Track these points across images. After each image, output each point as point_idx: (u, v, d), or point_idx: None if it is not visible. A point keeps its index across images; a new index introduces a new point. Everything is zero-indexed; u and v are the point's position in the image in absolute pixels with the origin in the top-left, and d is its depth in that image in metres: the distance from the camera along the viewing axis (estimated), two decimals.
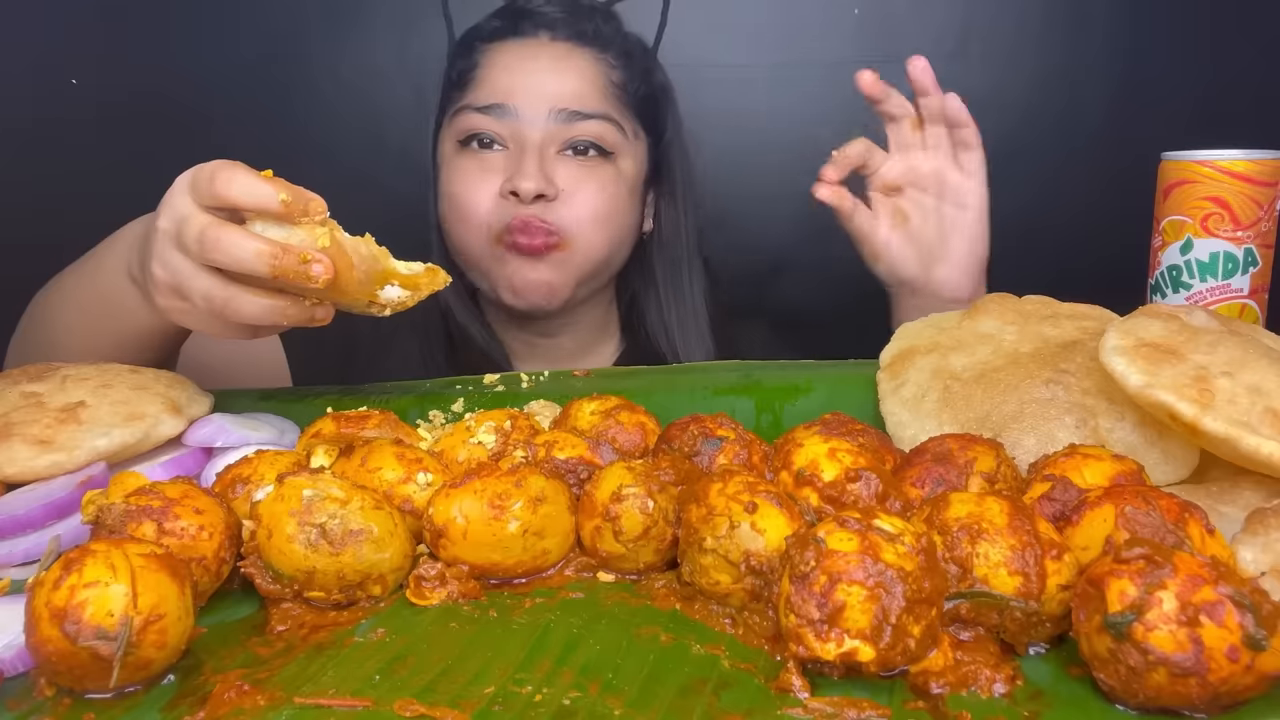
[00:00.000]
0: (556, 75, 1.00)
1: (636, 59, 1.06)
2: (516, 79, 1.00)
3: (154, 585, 0.43)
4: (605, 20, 1.06)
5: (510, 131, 0.99)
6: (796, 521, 0.48)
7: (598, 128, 1.00)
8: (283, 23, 1.46)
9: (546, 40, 1.02)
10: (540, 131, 0.98)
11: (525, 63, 1.01)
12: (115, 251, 0.76)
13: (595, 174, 1.00)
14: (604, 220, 1.01)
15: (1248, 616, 0.39)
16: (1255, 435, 0.51)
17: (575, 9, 1.04)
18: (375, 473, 0.56)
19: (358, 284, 0.62)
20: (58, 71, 1.44)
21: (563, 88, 1.00)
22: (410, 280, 0.65)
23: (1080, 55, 1.46)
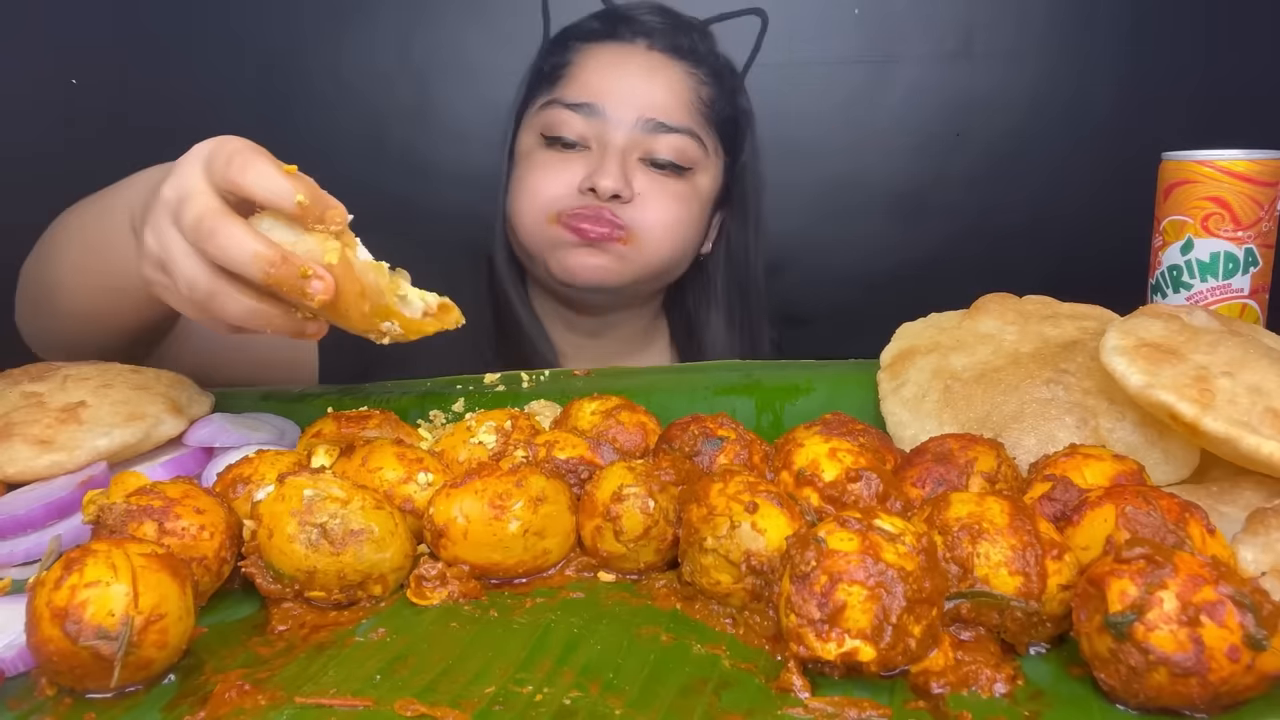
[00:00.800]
0: (648, 84, 1.02)
1: (725, 79, 1.08)
2: (608, 81, 1.02)
3: (155, 585, 0.43)
4: (701, 37, 1.07)
5: (595, 132, 1.00)
6: (797, 521, 0.48)
7: (680, 142, 1.01)
8: (283, 23, 1.46)
9: (643, 48, 1.04)
10: (625, 136, 1.00)
11: (619, 67, 1.03)
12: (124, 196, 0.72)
13: (671, 186, 1.02)
14: (673, 230, 1.02)
15: (1248, 616, 0.39)
16: (1256, 435, 0.51)
17: (675, 22, 1.06)
18: (376, 472, 0.56)
19: (360, 314, 0.57)
20: (58, 72, 1.44)
21: (652, 97, 1.01)
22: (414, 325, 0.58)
23: (1081, 55, 1.46)
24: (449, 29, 1.47)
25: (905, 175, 1.51)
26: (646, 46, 1.04)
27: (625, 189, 0.98)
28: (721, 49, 1.10)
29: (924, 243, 1.51)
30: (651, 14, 1.06)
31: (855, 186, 1.51)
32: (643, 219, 1.00)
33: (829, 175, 1.51)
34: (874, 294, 1.32)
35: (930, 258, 1.49)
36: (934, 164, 1.50)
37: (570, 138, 1.01)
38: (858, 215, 1.52)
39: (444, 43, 1.48)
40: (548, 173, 1.01)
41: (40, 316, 0.82)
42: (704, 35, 1.08)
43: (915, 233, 1.52)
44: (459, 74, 1.48)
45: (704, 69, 1.05)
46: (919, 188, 1.51)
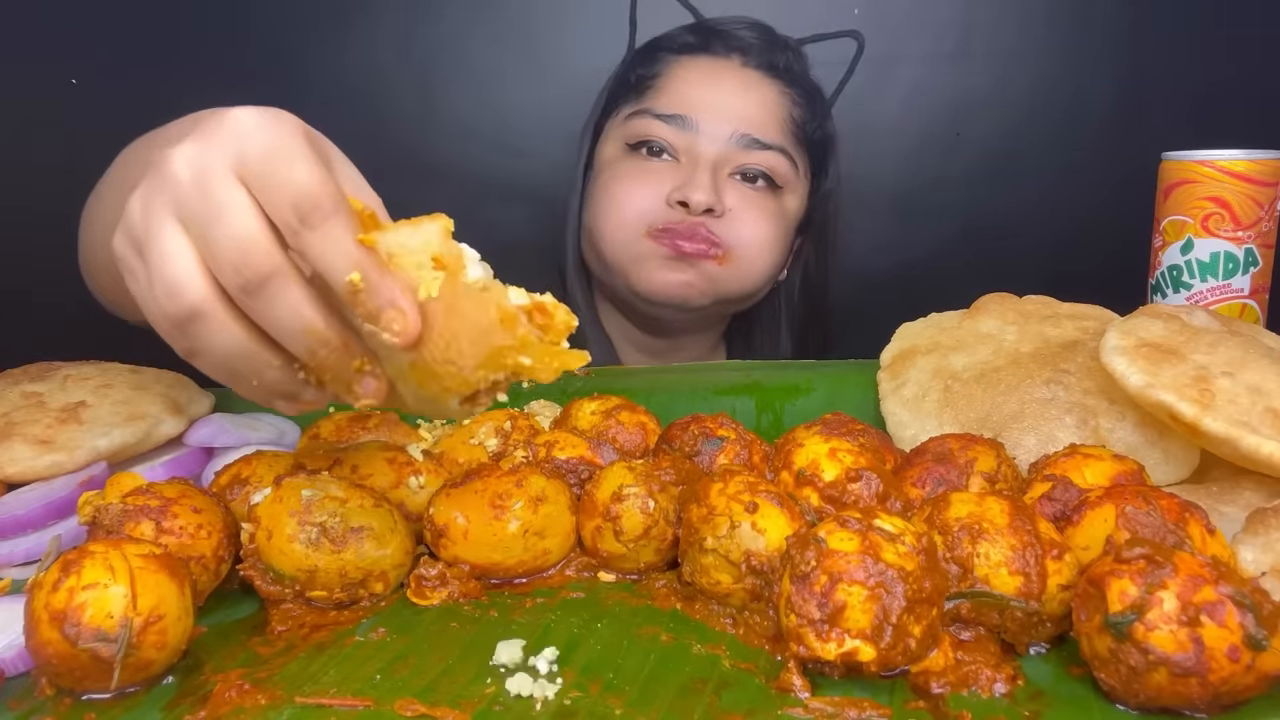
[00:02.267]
0: (742, 99, 1.00)
1: (817, 102, 1.06)
2: (702, 94, 1.00)
3: (153, 586, 0.43)
4: (795, 58, 1.06)
5: (685, 144, 0.98)
6: (797, 521, 0.48)
7: (773, 159, 0.99)
8: (283, 23, 1.46)
9: (737, 64, 1.02)
10: (717, 150, 0.98)
11: (712, 81, 1.01)
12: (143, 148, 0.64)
13: (763, 202, 1.00)
14: (766, 248, 1.00)
15: (1248, 616, 0.39)
16: (1256, 435, 0.51)
17: (770, 40, 1.04)
18: (367, 479, 0.56)
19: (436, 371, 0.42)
20: (58, 72, 1.44)
21: (747, 112, 0.99)
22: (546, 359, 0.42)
23: (1081, 55, 1.46)
24: (450, 29, 1.47)
25: (905, 175, 1.51)
26: (741, 63, 1.02)
27: (718, 203, 0.96)
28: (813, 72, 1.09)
29: (924, 243, 1.51)
30: (747, 30, 1.04)
31: (855, 186, 1.51)
32: (737, 236, 0.97)
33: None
34: (874, 294, 1.32)
35: (930, 258, 1.49)
36: (934, 164, 1.50)
37: (659, 145, 0.99)
38: (858, 215, 1.52)
39: (445, 43, 1.48)
40: (635, 183, 0.98)
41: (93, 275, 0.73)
42: (798, 55, 1.07)
43: (915, 232, 1.52)
44: (460, 74, 1.48)
45: (797, 89, 1.04)
46: (919, 187, 1.51)
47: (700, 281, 0.98)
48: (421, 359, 0.42)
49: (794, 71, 1.04)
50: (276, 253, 0.42)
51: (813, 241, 1.10)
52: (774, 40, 1.05)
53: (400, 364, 0.43)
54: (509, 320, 0.41)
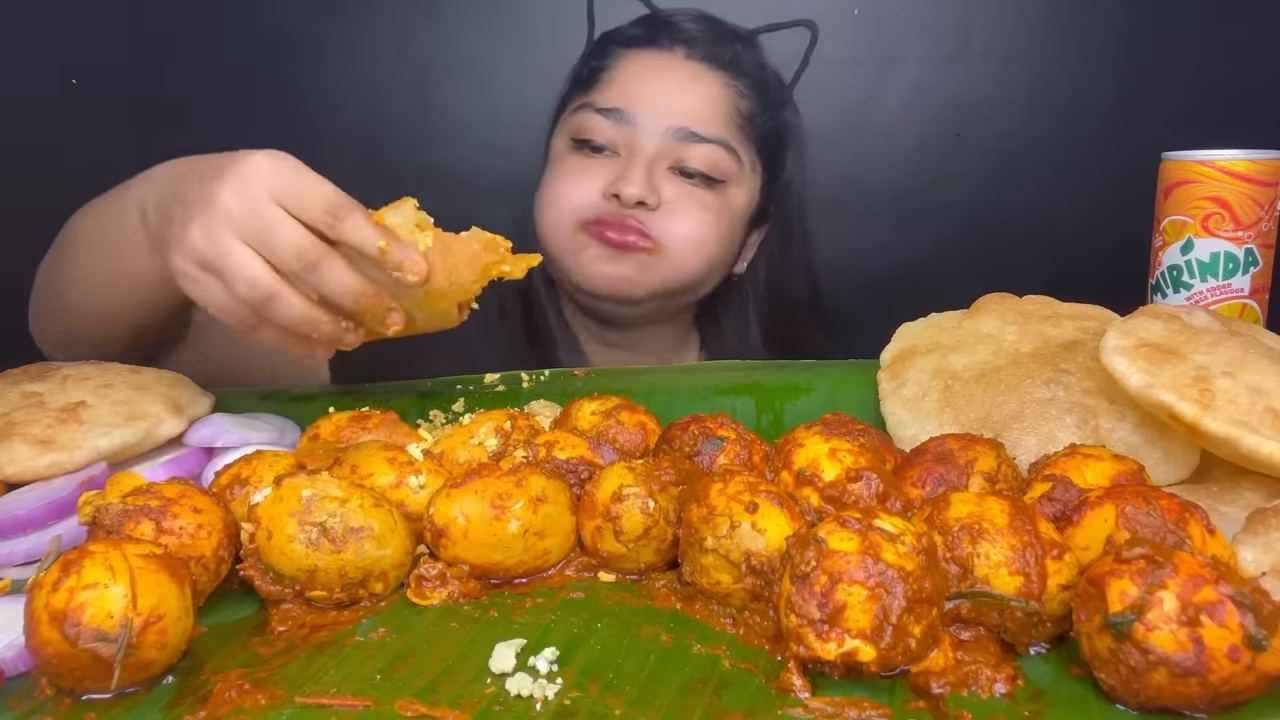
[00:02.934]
0: (682, 92, 1.00)
1: (770, 93, 1.05)
2: (641, 88, 1.00)
3: (153, 586, 0.43)
4: (745, 48, 1.05)
5: (624, 138, 0.99)
6: (797, 521, 0.48)
7: (712, 153, 0.99)
8: (283, 22, 1.46)
9: (680, 56, 1.02)
10: (655, 144, 0.98)
11: (653, 74, 1.01)
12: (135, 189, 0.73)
13: (701, 197, 0.99)
14: (701, 243, 0.99)
15: (1248, 616, 0.39)
16: (1256, 435, 0.51)
17: (717, 31, 1.04)
18: (367, 479, 0.56)
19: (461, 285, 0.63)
20: (58, 72, 1.44)
21: (686, 105, 0.99)
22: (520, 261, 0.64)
23: (1081, 55, 1.46)
24: (449, 28, 1.47)
25: (905, 175, 1.51)
26: (684, 55, 1.02)
27: (651, 196, 0.96)
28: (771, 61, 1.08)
29: (924, 243, 1.51)
30: (694, 22, 1.04)
31: (855, 186, 1.51)
32: (669, 230, 0.97)
33: (829, 175, 1.50)
34: (874, 293, 1.32)
35: (930, 258, 1.49)
36: (934, 164, 1.50)
37: (599, 141, 0.99)
38: (858, 215, 1.52)
39: (444, 42, 1.48)
40: (575, 178, 0.99)
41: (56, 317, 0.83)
42: (749, 46, 1.06)
43: (915, 233, 1.52)
44: (459, 74, 1.48)
45: (745, 80, 1.03)
46: (919, 188, 1.51)
47: (636, 273, 0.98)
48: (431, 288, 0.62)
49: (742, 63, 1.03)
50: (319, 243, 0.60)
51: (776, 234, 1.09)
52: (720, 31, 1.04)
53: (416, 296, 0.63)
54: (491, 244, 0.64)
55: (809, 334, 1.14)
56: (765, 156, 1.05)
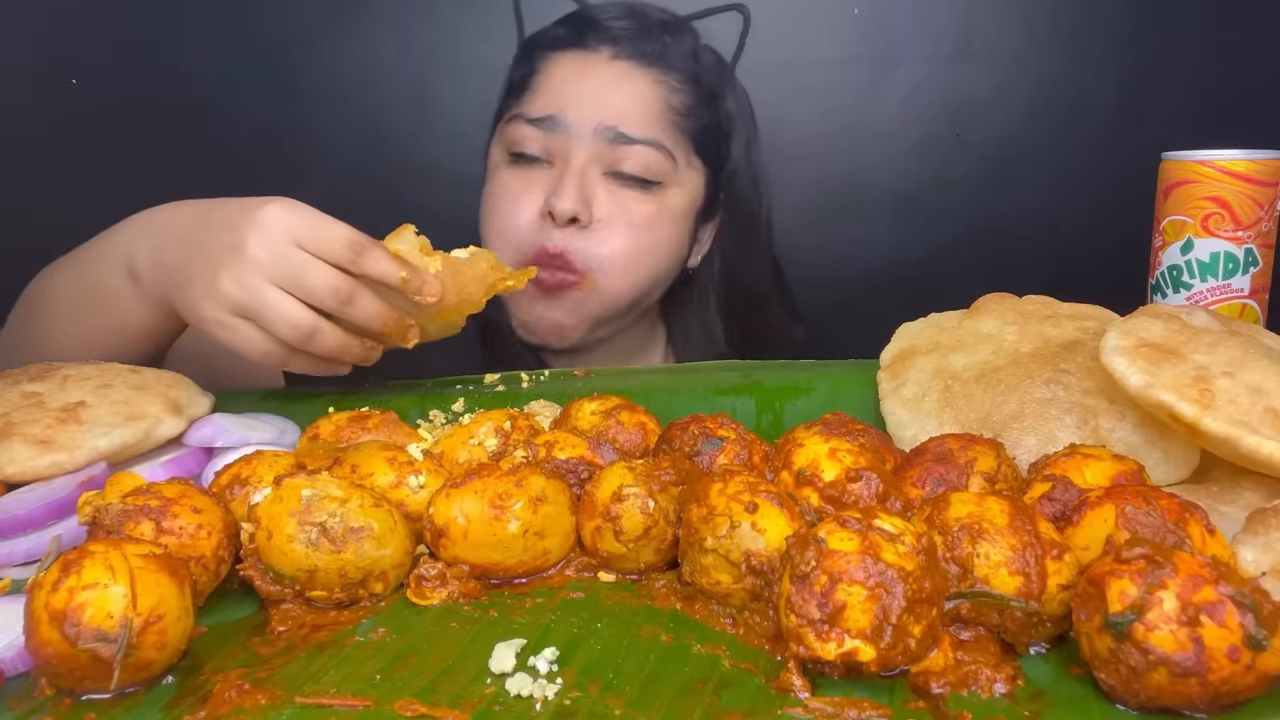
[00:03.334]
0: (609, 94, 0.97)
1: (706, 83, 1.02)
2: (571, 91, 0.97)
3: (153, 586, 0.43)
4: (676, 38, 1.01)
5: (558, 146, 0.96)
6: (797, 521, 0.48)
7: (644, 154, 0.96)
8: (283, 22, 1.46)
9: (606, 56, 0.99)
10: (585, 149, 0.96)
11: (580, 76, 0.98)
12: (113, 245, 0.77)
13: (636, 208, 0.97)
14: (634, 263, 0.97)
15: (1248, 616, 0.39)
16: (1256, 435, 0.51)
17: (643, 26, 1.00)
18: (367, 479, 0.56)
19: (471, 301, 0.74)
20: (58, 72, 1.44)
21: (614, 106, 0.96)
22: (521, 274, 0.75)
23: (1081, 56, 1.46)
24: (447, 28, 1.47)
25: (905, 175, 1.51)
26: (611, 55, 0.99)
27: (584, 211, 0.94)
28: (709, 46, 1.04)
29: (924, 243, 1.51)
30: (619, 18, 1.00)
31: (855, 186, 1.51)
32: (599, 254, 0.95)
33: (829, 175, 1.51)
34: (874, 294, 1.32)
35: (930, 258, 1.49)
36: (934, 164, 1.50)
37: (532, 153, 0.97)
38: (858, 215, 1.52)
39: (442, 42, 1.48)
40: (513, 197, 0.97)
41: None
42: (679, 37, 1.02)
43: (915, 233, 1.52)
44: (457, 74, 1.48)
45: (676, 75, 1.00)
46: (919, 188, 1.51)
47: (567, 317, 0.97)
48: (444, 305, 0.72)
49: (671, 57, 1.00)
50: (350, 279, 0.68)
51: (728, 224, 1.07)
52: (647, 25, 1.01)
53: (430, 313, 0.73)
54: (496, 265, 0.75)
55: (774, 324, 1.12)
56: (706, 151, 1.02)
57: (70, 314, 0.79)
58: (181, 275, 0.71)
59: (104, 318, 0.77)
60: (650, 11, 1.02)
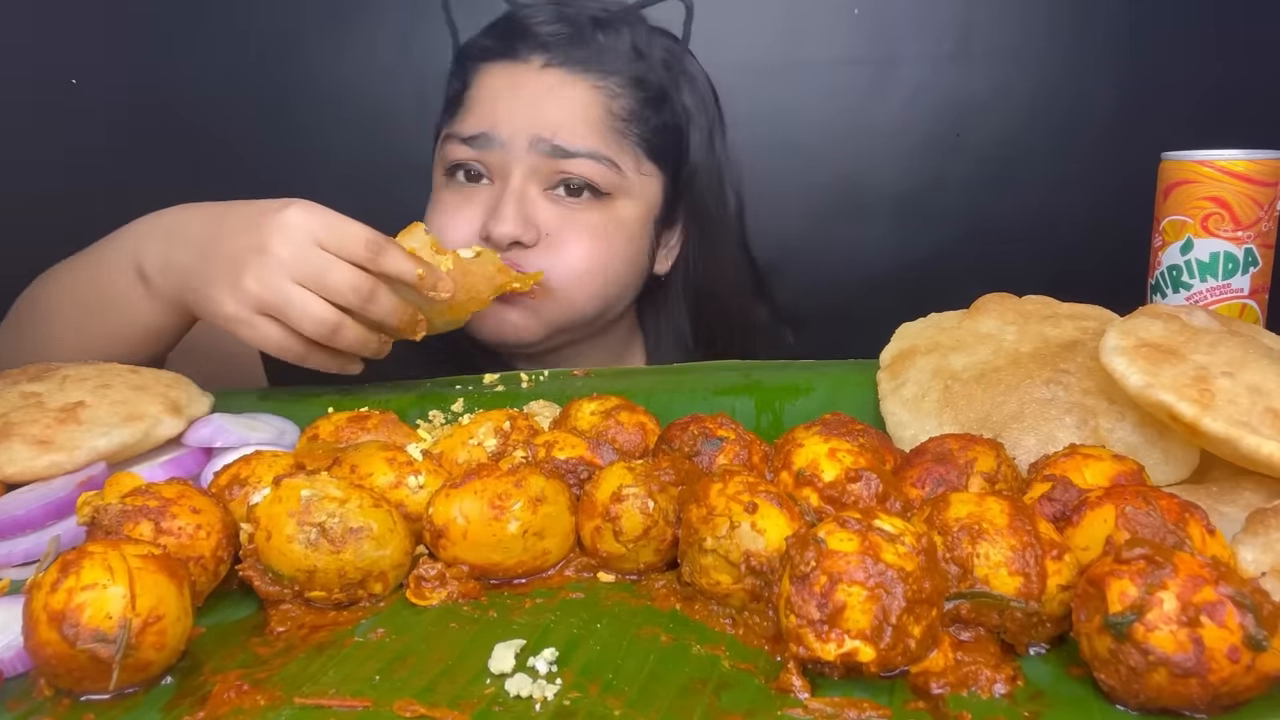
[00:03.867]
0: (541, 105, 0.91)
1: (653, 82, 0.95)
2: (500, 107, 0.92)
3: (152, 586, 0.43)
4: (613, 36, 0.94)
5: (496, 163, 0.91)
6: (797, 522, 0.48)
7: (586, 167, 0.90)
8: (283, 23, 1.46)
9: (537, 66, 0.92)
10: (523, 166, 0.90)
11: (511, 89, 0.92)
12: (120, 248, 0.78)
13: (585, 219, 0.91)
14: (590, 273, 0.92)
15: (1248, 617, 0.39)
16: (1255, 435, 0.51)
17: (575, 30, 0.93)
18: (366, 479, 0.56)
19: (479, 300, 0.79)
20: (58, 72, 1.44)
21: (548, 118, 0.90)
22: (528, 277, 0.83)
23: (1081, 55, 1.46)
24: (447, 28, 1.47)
25: (905, 175, 1.51)
26: (543, 64, 0.92)
27: (527, 232, 0.89)
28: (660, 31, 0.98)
29: (924, 243, 1.51)
30: (548, 22, 0.93)
31: (855, 187, 1.51)
32: (552, 266, 0.89)
33: (829, 176, 1.51)
34: (874, 294, 1.32)
35: (930, 258, 1.49)
36: (934, 164, 1.50)
37: (470, 170, 0.93)
38: (858, 215, 1.52)
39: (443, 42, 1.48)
40: (450, 216, 0.93)
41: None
42: (616, 34, 0.94)
43: (915, 233, 1.52)
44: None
45: (616, 79, 0.93)
46: (919, 188, 1.51)
47: (522, 320, 0.92)
48: (455, 301, 0.77)
49: (607, 59, 0.93)
50: (370, 276, 0.71)
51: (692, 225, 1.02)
52: (579, 30, 0.93)
53: (440, 308, 0.77)
54: (503, 267, 0.81)
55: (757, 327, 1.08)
56: (661, 155, 0.96)
57: (73, 317, 0.80)
58: (198, 277, 0.73)
59: (109, 320, 0.78)
60: (584, 10, 0.95)
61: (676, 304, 1.05)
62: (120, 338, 0.78)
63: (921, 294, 0.85)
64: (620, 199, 0.94)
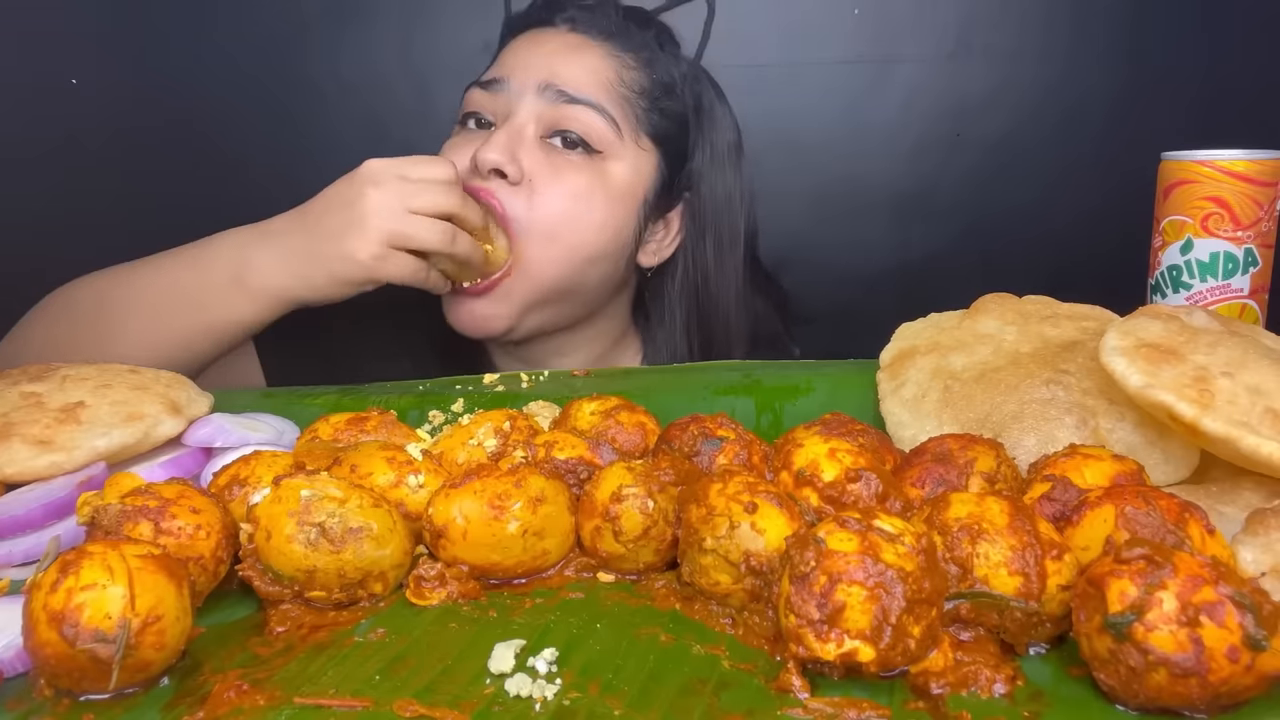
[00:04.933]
0: (557, 58, 0.95)
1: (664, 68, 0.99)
2: (519, 59, 0.97)
3: (151, 586, 0.43)
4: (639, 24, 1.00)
5: (501, 107, 0.95)
6: (796, 522, 0.48)
7: (585, 115, 0.93)
8: (283, 23, 1.46)
9: (564, 30, 0.98)
10: (526, 108, 0.93)
11: (533, 45, 0.98)
12: (215, 254, 0.87)
13: (573, 171, 0.93)
14: (566, 226, 0.92)
15: (1248, 617, 0.39)
16: (1255, 435, 0.51)
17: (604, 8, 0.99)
18: (366, 479, 0.56)
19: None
20: (58, 72, 1.44)
21: (560, 70, 0.94)
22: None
23: (1081, 55, 1.46)
24: (449, 29, 1.47)
25: (905, 175, 1.51)
26: (569, 29, 0.98)
27: (510, 165, 0.90)
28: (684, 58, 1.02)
29: (924, 243, 1.51)
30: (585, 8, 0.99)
31: (855, 186, 1.51)
32: (529, 216, 0.91)
33: (829, 175, 1.51)
34: (874, 294, 1.32)
35: (930, 258, 1.49)
36: (934, 164, 1.50)
37: (481, 116, 0.96)
38: (858, 215, 1.52)
39: (444, 42, 1.48)
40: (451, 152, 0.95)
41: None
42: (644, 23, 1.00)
43: (915, 233, 1.52)
44: (459, 74, 1.48)
45: (633, 54, 0.97)
46: (919, 188, 1.51)
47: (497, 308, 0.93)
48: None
49: (629, 34, 0.98)
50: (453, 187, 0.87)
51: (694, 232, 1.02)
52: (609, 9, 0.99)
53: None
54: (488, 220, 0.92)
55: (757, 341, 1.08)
56: (660, 136, 0.98)
57: (161, 315, 0.86)
58: (315, 254, 0.83)
59: (198, 321, 0.86)
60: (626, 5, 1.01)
61: (672, 310, 1.05)
62: (204, 338, 0.86)
63: (921, 294, 0.85)
64: (612, 160, 0.95)
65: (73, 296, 0.89)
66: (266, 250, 0.85)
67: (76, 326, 0.87)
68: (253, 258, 0.85)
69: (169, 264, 0.88)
